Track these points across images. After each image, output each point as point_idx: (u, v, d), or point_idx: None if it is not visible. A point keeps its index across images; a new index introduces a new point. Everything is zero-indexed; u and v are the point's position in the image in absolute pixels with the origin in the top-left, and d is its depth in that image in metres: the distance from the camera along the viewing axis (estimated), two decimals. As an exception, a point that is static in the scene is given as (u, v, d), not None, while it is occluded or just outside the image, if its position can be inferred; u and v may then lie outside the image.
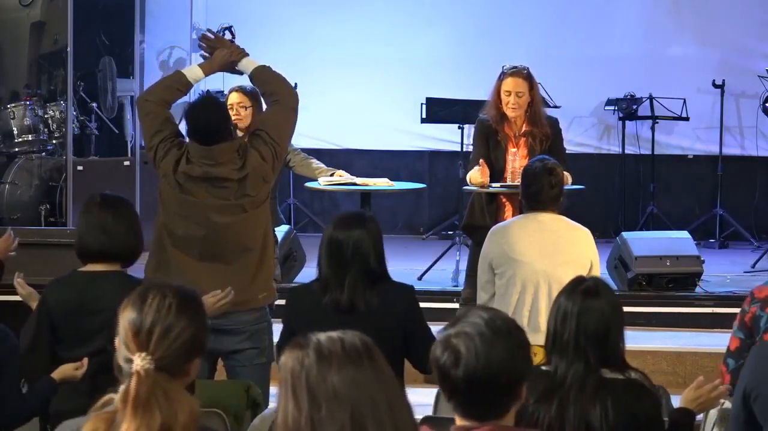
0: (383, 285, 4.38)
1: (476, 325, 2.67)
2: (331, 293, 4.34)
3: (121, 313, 2.52)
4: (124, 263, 4.43)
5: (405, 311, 4.41)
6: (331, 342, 2.19)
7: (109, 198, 4.53)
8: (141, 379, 2.33)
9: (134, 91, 10.14)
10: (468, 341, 2.65)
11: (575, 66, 10.59)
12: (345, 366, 2.15)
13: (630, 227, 10.00)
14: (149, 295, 2.51)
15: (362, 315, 4.28)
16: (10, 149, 9.15)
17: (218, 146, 5.11)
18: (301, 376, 2.15)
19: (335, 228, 4.38)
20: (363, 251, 4.33)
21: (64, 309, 4.35)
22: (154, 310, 2.48)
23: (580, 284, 3.59)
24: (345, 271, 4.33)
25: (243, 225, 5.14)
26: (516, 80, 6.46)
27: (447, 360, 2.66)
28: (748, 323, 4.37)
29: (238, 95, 7.27)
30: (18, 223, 8.74)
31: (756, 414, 3.54)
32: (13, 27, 9.79)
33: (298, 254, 8.35)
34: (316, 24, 10.82)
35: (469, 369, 2.63)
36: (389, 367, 2.21)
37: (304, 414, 2.13)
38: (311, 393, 2.14)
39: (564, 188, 5.57)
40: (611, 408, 3.39)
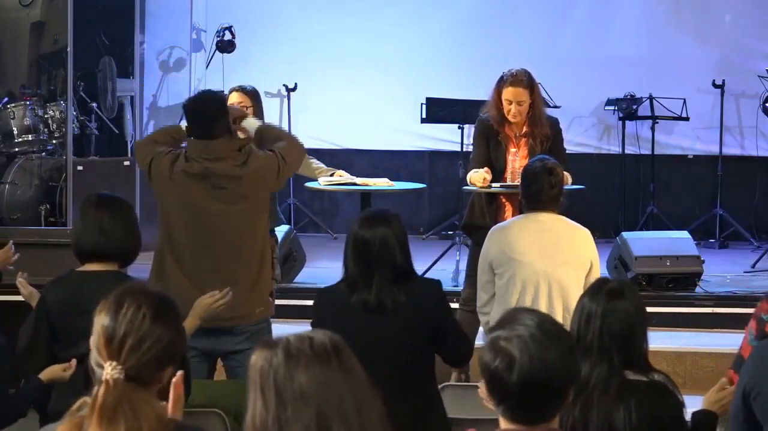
0: (410, 282, 4.37)
1: (528, 328, 2.63)
2: (358, 292, 4.32)
3: (97, 315, 2.53)
4: (122, 262, 4.43)
5: (434, 307, 4.40)
6: (300, 342, 2.19)
7: (105, 198, 4.52)
8: (109, 388, 2.34)
9: (134, 91, 10.14)
10: (521, 344, 2.60)
11: (575, 66, 10.59)
12: (312, 365, 2.15)
13: (630, 227, 10.00)
14: (125, 302, 2.50)
15: (391, 313, 4.27)
16: (10, 149, 9.14)
17: (218, 140, 5.11)
18: (269, 375, 2.16)
19: (360, 227, 4.36)
20: (389, 249, 4.31)
21: (61, 309, 4.35)
22: (128, 320, 2.47)
23: (605, 285, 3.59)
24: (372, 270, 4.30)
25: (241, 235, 5.14)
26: (516, 90, 6.43)
27: (500, 365, 2.61)
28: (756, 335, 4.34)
29: (239, 95, 7.26)
30: (18, 223, 8.74)
31: (756, 412, 3.54)
32: (13, 27, 9.78)
33: (298, 254, 8.35)
34: (316, 24, 10.82)
35: (524, 373, 2.59)
36: (360, 367, 2.21)
37: (271, 413, 2.14)
38: (278, 393, 2.14)
39: (564, 188, 5.57)
40: (635, 409, 3.38)
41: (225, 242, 5.13)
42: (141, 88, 10.40)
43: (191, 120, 5.23)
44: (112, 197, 4.59)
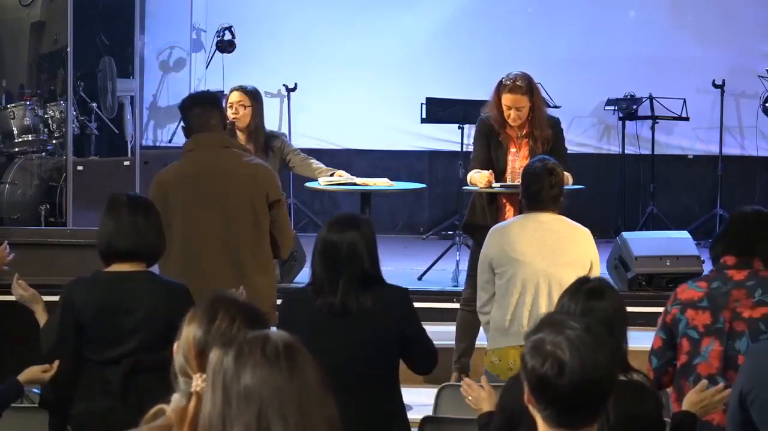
0: (377, 288, 4.32)
1: (576, 331, 2.59)
2: (324, 296, 4.28)
3: (187, 325, 2.50)
4: (149, 263, 4.43)
5: (400, 314, 4.37)
6: (253, 342, 2.20)
7: (136, 198, 4.55)
8: (200, 401, 2.34)
9: (134, 91, 10.14)
10: (572, 348, 2.56)
11: (575, 66, 10.59)
12: (259, 366, 2.16)
13: (630, 227, 10.00)
14: (218, 315, 2.49)
15: (356, 318, 4.23)
16: (10, 149, 9.15)
17: (216, 132, 5.19)
18: (219, 373, 2.18)
19: (329, 230, 4.33)
20: (357, 254, 4.26)
21: (93, 311, 4.32)
22: (221, 333, 2.46)
23: (584, 285, 3.59)
24: (338, 274, 4.26)
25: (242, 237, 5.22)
26: (515, 97, 6.43)
27: (549, 369, 2.55)
28: (669, 323, 4.37)
29: (238, 94, 7.29)
30: (18, 223, 8.74)
31: (753, 416, 3.53)
32: (13, 27, 9.78)
33: (298, 255, 8.35)
34: (316, 24, 10.82)
35: (575, 378, 2.54)
36: (313, 369, 2.21)
37: (218, 410, 2.16)
38: (225, 391, 2.16)
39: (564, 188, 5.57)
40: (613, 408, 3.38)
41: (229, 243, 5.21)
42: (141, 88, 10.40)
43: (186, 113, 5.31)
44: (141, 197, 4.63)
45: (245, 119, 7.23)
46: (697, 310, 4.32)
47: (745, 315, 4.27)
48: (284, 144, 7.37)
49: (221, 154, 5.36)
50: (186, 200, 5.28)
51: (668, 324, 4.38)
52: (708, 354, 4.26)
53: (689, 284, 4.41)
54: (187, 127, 5.43)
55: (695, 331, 4.31)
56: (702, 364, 4.27)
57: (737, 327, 4.27)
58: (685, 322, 4.33)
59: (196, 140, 5.34)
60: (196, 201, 5.27)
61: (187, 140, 5.43)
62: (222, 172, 5.31)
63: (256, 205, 5.28)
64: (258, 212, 5.28)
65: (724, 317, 4.27)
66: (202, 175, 5.30)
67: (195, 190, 5.28)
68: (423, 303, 7.27)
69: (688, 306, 4.34)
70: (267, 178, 5.38)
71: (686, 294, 4.37)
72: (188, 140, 5.40)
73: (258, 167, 5.47)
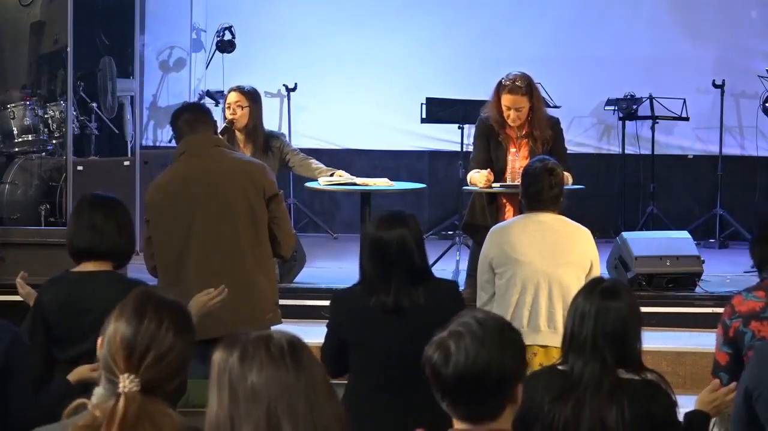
0: (428, 283, 4.33)
1: (467, 324, 2.68)
2: (377, 294, 4.27)
3: (114, 321, 2.48)
4: (116, 263, 4.41)
5: (451, 308, 4.36)
6: (257, 342, 2.22)
7: (99, 197, 4.52)
8: (128, 402, 2.34)
9: (134, 91, 10.14)
10: (458, 339, 2.66)
11: (575, 66, 10.59)
12: (266, 365, 2.18)
13: (630, 227, 10.00)
14: (146, 313, 2.47)
15: (409, 315, 4.24)
16: (10, 149, 9.15)
17: (208, 134, 5.22)
18: (225, 374, 2.20)
19: (378, 228, 4.30)
20: (407, 251, 4.25)
21: (57, 309, 4.33)
22: (150, 334, 2.44)
23: (599, 285, 3.59)
24: (390, 271, 4.25)
25: (240, 237, 5.23)
26: (514, 98, 6.43)
27: (438, 359, 2.67)
28: (733, 337, 4.32)
29: (236, 95, 7.31)
30: (18, 223, 8.74)
31: (758, 414, 3.53)
32: (13, 27, 9.78)
33: (298, 254, 8.34)
34: (316, 24, 10.82)
35: (458, 368, 2.63)
36: (318, 368, 2.23)
37: (225, 410, 2.19)
38: (232, 391, 2.18)
39: (564, 188, 5.57)
40: (627, 408, 3.39)
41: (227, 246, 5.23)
42: (141, 88, 10.40)
43: (178, 119, 5.35)
44: (107, 196, 4.58)
45: (243, 119, 7.24)
46: (761, 321, 4.27)
47: None
48: (283, 144, 7.38)
49: (213, 154, 5.38)
50: (183, 202, 5.29)
51: (731, 337, 4.31)
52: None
53: (745, 295, 4.33)
54: (178, 134, 5.46)
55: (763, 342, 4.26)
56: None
57: None
58: (750, 335, 4.27)
59: (187, 142, 5.37)
60: (193, 203, 5.27)
61: (178, 144, 5.45)
62: (216, 172, 5.32)
63: (253, 202, 5.28)
64: (256, 210, 5.28)
65: None
66: (197, 176, 5.31)
67: (191, 192, 5.28)
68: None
69: (751, 318, 4.28)
70: (262, 174, 5.39)
71: (745, 306, 4.30)
72: (179, 144, 5.42)
73: (252, 164, 5.50)
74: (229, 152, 5.54)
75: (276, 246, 5.38)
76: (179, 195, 5.29)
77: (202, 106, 5.78)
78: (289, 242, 5.49)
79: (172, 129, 5.53)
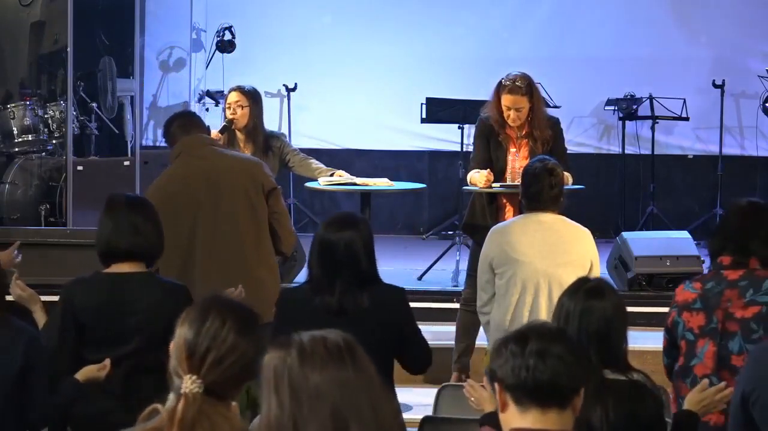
0: (374, 288, 4.32)
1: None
2: (321, 295, 4.28)
3: (180, 326, 2.50)
4: (149, 263, 4.42)
5: (396, 314, 4.37)
6: (314, 341, 2.20)
7: (135, 198, 4.57)
8: (188, 402, 2.35)
9: (134, 91, 10.14)
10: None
11: (575, 66, 10.59)
12: (327, 364, 2.17)
13: (630, 227, 9.99)
14: (210, 316, 2.48)
15: (352, 318, 4.22)
16: (10, 149, 9.14)
17: (201, 135, 5.25)
18: (284, 375, 2.17)
19: (326, 230, 4.33)
20: (354, 253, 4.26)
21: (93, 311, 4.31)
22: (211, 335, 2.45)
23: (584, 284, 3.59)
24: (336, 273, 4.27)
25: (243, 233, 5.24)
26: (515, 98, 6.43)
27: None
28: (670, 326, 4.38)
29: (236, 94, 7.31)
30: (18, 223, 8.73)
31: (755, 417, 3.53)
32: (13, 27, 9.78)
33: (298, 254, 8.34)
34: (316, 24, 10.82)
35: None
36: (372, 366, 2.22)
37: (287, 412, 2.15)
38: (293, 392, 2.16)
39: (564, 188, 5.57)
40: (612, 408, 3.38)
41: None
42: (141, 88, 10.40)
43: (171, 125, 5.43)
44: (140, 197, 4.63)
45: (243, 119, 7.24)
46: (691, 312, 4.32)
47: (737, 315, 4.26)
48: (283, 144, 7.38)
49: (209, 153, 5.42)
50: (184, 203, 5.30)
51: (669, 326, 4.39)
52: (703, 355, 4.26)
53: (685, 285, 4.41)
54: (172, 139, 5.49)
55: (691, 333, 4.31)
56: (698, 365, 4.27)
57: (730, 327, 4.26)
58: (682, 325, 4.33)
59: (182, 143, 5.41)
60: (194, 203, 5.29)
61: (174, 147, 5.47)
62: (215, 170, 5.33)
63: (253, 198, 5.30)
64: (256, 206, 5.30)
65: (717, 317, 4.27)
66: (196, 176, 5.32)
67: (191, 192, 5.29)
68: (423, 303, 7.28)
69: (683, 309, 4.34)
70: (260, 170, 5.42)
71: (682, 296, 4.38)
72: (175, 147, 5.43)
73: (249, 161, 5.56)
74: (225, 150, 5.57)
75: (277, 242, 5.39)
76: (179, 196, 5.30)
77: (194, 113, 5.83)
78: (289, 238, 5.51)
79: (166, 136, 5.57)
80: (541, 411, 2.63)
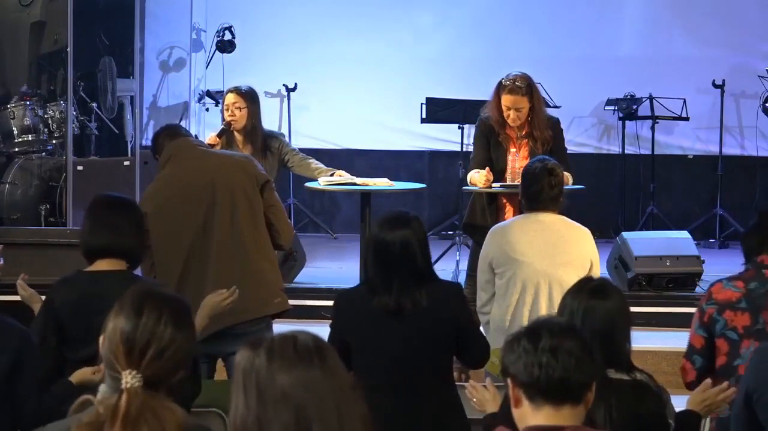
0: (431, 285, 4.32)
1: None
2: (379, 295, 4.27)
3: (113, 318, 2.49)
4: (130, 263, 4.41)
5: (454, 309, 4.36)
6: (283, 342, 2.20)
7: (115, 198, 4.56)
8: (130, 397, 2.34)
9: (134, 91, 10.14)
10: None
11: (575, 66, 10.59)
12: (294, 366, 2.16)
13: (630, 227, 10.00)
14: (145, 309, 2.48)
15: (411, 317, 4.23)
16: (10, 149, 9.15)
17: (188, 137, 5.34)
18: (251, 375, 2.17)
19: (381, 230, 4.30)
20: (410, 252, 4.25)
21: (70, 309, 4.31)
22: (149, 329, 2.45)
23: (588, 284, 3.59)
24: (392, 273, 4.25)
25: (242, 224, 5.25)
26: (515, 98, 6.43)
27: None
28: (707, 322, 4.35)
29: (234, 96, 7.30)
30: (18, 223, 8.74)
31: (759, 415, 3.53)
32: (13, 27, 9.78)
33: (298, 254, 8.35)
34: (317, 24, 10.82)
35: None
36: (343, 369, 2.21)
37: (252, 413, 2.15)
38: (260, 393, 2.15)
39: (564, 189, 5.57)
40: (615, 407, 3.39)
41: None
42: (141, 88, 10.40)
43: (159, 135, 5.53)
44: (122, 197, 4.62)
45: (242, 120, 7.24)
46: (735, 311, 4.28)
47: None
48: (282, 144, 7.37)
49: (199, 153, 5.45)
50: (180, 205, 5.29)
51: (705, 322, 4.34)
52: (749, 356, 4.22)
53: (725, 283, 4.36)
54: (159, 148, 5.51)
55: (734, 332, 4.28)
56: (743, 366, 4.23)
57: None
58: (723, 323, 4.28)
59: (170, 147, 5.43)
60: (191, 204, 5.28)
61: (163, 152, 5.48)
62: (207, 169, 5.34)
63: (249, 193, 5.30)
64: (252, 200, 5.31)
65: (764, 318, 4.25)
66: (190, 177, 5.33)
67: (187, 194, 5.29)
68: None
69: (726, 307, 4.29)
70: (252, 164, 5.46)
71: (723, 295, 4.32)
72: (164, 151, 5.44)
73: (239, 157, 5.64)
74: (214, 150, 5.61)
75: (275, 236, 5.39)
76: (176, 198, 5.29)
77: (179, 125, 5.93)
78: (287, 231, 5.50)
79: (154, 148, 5.58)
80: (555, 408, 2.65)
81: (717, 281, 4.45)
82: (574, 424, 2.64)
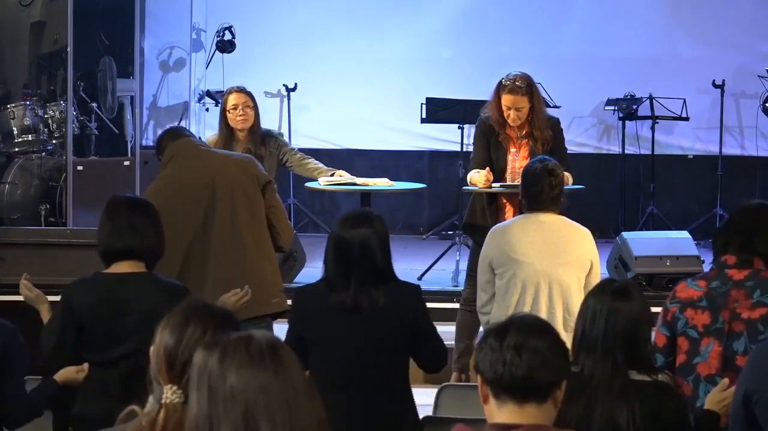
0: (390, 285, 4.33)
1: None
2: (336, 293, 4.28)
3: (161, 331, 2.50)
4: (149, 264, 4.41)
5: (412, 311, 4.37)
6: (237, 343, 2.20)
7: (134, 199, 4.58)
8: (168, 413, 2.36)
9: (134, 91, 10.14)
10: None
11: (575, 66, 10.59)
12: (245, 366, 2.16)
13: (630, 227, 10.00)
14: (191, 324, 2.49)
15: (368, 315, 4.24)
16: (10, 149, 9.15)
17: (190, 137, 5.34)
18: (204, 374, 2.18)
19: (342, 227, 4.32)
20: (369, 251, 4.26)
21: (91, 311, 4.30)
22: (192, 345, 2.44)
23: (611, 285, 3.60)
24: (351, 271, 4.27)
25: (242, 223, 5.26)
26: (515, 98, 6.43)
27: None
28: (669, 320, 4.37)
29: (242, 95, 7.24)
30: (18, 223, 8.74)
31: (757, 416, 3.53)
32: (13, 27, 9.79)
33: (299, 254, 8.35)
34: (316, 23, 10.83)
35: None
36: (298, 369, 2.21)
37: (204, 411, 2.16)
38: (211, 392, 2.16)
39: (564, 189, 5.57)
40: (638, 409, 3.38)
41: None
42: (141, 88, 10.40)
43: (162, 138, 5.56)
44: (140, 198, 4.63)
45: (251, 119, 7.21)
46: (696, 309, 4.31)
47: (743, 316, 4.26)
48: (280, 143, 7.35)
49: (201, 153, 5.45)
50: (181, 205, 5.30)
51: (668, 321, 4.38)
52: (708, 354, 4.25)
53: (688, 282, 4.41)
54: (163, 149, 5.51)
55: (695, 330, 4.31)
56: (701, 364, 4.26)
57: (736, 327, 4.26)
58: (684, 321, 4.32)
59: (172, 147, 5.44)
60: (192, 203, 5.30)
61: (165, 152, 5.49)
62: (209, 169, 5.35)
63: (249, 192, 5.31)
64: (252, 200, 5.32)
65: (724, 317, 4.26)
66: (192, 177, 5.34)
67: (188, 193, 5.30)
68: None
69: (687, 305, 4.33)
70: (253, 164, 5.47)
71: (685, 293, 4.36)
72: (166, 151, 5.44)
73: (241, 157, 5.66)
74: (215, 149, 5.61)
75: (276, 237, 5.40)
76: (177, 197, 5.30)
77: (183, 127, 5.95)
78: (287, 232, 5.52)
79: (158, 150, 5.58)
80: (518, 406, 2.64)
81: (682, 280, 4.47)
82: (538, 423, 2.63)
